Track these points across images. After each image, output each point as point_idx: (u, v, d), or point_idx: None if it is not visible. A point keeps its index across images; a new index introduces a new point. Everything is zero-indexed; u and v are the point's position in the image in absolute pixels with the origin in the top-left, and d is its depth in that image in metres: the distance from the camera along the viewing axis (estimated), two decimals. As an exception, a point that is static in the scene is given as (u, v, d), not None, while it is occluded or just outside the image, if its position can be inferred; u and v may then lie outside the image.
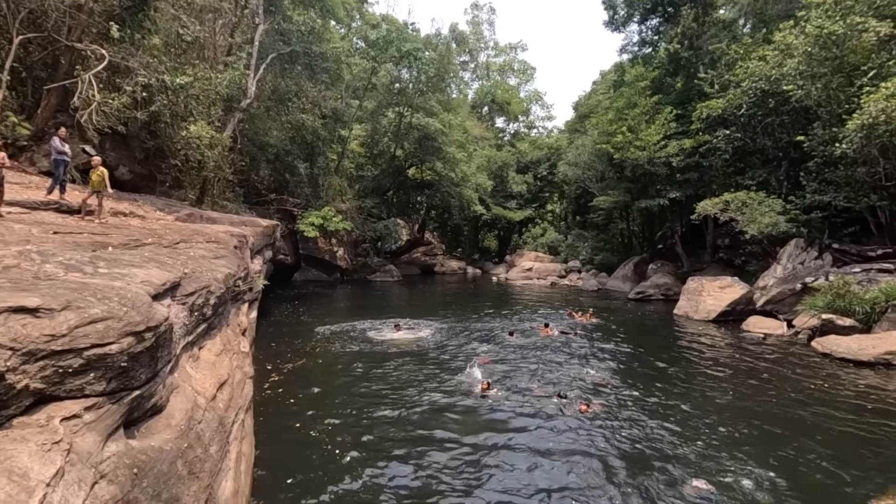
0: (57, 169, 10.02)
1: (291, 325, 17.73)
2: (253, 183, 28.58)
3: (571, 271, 40.82)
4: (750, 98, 21.47)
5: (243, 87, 21.96)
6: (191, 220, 14.02)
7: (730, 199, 21.19)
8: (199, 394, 5.19)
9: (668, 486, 6.53)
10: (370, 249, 39.90)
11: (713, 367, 12.75)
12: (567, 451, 7.59)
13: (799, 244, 19.53)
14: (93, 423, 3.30)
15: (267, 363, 12.23)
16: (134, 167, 17.38)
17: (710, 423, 8.80)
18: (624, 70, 35.40)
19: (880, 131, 15.57)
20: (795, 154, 20.93)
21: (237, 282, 9.24)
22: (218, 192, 22.07)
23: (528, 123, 66.52)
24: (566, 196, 48.28)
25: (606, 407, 9.46)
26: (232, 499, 4.82)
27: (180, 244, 8.76)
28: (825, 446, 7.82)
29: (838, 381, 11.39)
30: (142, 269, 5.58)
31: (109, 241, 7.06)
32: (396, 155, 41.99)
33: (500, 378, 11.33)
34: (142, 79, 14.54)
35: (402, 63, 36.14)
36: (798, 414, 9.31)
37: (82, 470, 2.98)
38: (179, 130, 16.69)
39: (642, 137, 27.34)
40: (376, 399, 9.92)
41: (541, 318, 19.73)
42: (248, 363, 8.13)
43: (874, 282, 15.54)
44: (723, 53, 25.98)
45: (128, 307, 3.96)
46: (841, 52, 17.83)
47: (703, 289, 21.14)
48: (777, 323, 17.47)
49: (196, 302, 6.12)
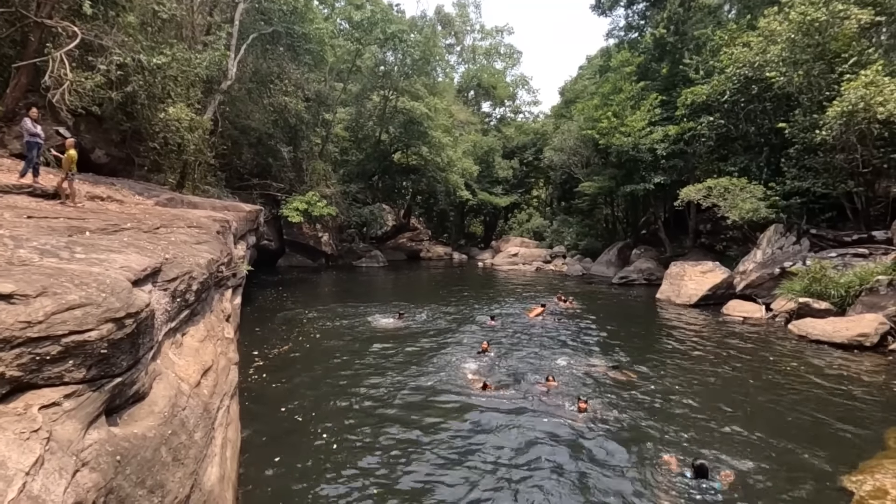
0: (30, 151, 9.67)
1: (276, 311, 17.60)
2: (235, 167, 28.05)
3: (556, 256, 41.11)
4: (734, 84, 21.62)
5: (223, 68, 21.37)
6: (171, 205, 13.71)
7: (712, 186, 21.46)
8: (183, 380, 5.13)
9: (658, 471, 6.70)
10: (355, 235, 39.62)
11: (694, 351, 13.04)
12: (560, 440, 7.68)
13: (778, 229, 19.92)
14: (73, 410, 3.24)
15: (252, 349, 12.14)
16: (110, 150, 16.89)
17: (690, 405, 9.01)
18: (610, 55, 35.35)
19: (859, 118, 15.85)
20: (777, 141, 21.22)
21: (220, 267, 9.11)
22: (199, 177, 21.60)
23: (514, 108, 66.14)
24: (552, 182, 48.34)
25: (598, 399, 9.20)
26: (218, 485, 4.80)
27: (161, 229, 8.57)
28: (800, 425, 8.09)
29: (813, 363, 11.75)
30: (121, 254, 5.45)
31: (86, 226, 6.87)
32: (381, 139, 41.48)
33: (493, 366, 11.24)
34: (116, 58, 14.01)
35: (387, 45, 35.50)
36: (774, 395, 9.59)
37: (63, 458, 2.92)
38: (157, 112, 16.21)
39: (627, 123, 27.43)
40: (362, 384, 9.95)
41: (524, 303, 19.92)
42: (232, 349, 8.05)
43: (849, 266, 15.97)
44: (708, 39, 26.08)
45: (107, 293, 3.87)
46: (823, 39, 18.02)
47: (685, 273, 21.51)
48: (756, 307, 17.89)
49: (178, 288, 6.01)
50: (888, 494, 5.75)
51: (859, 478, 6.22)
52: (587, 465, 6.80)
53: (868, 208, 18.72)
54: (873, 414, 8.58)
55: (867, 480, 6.11)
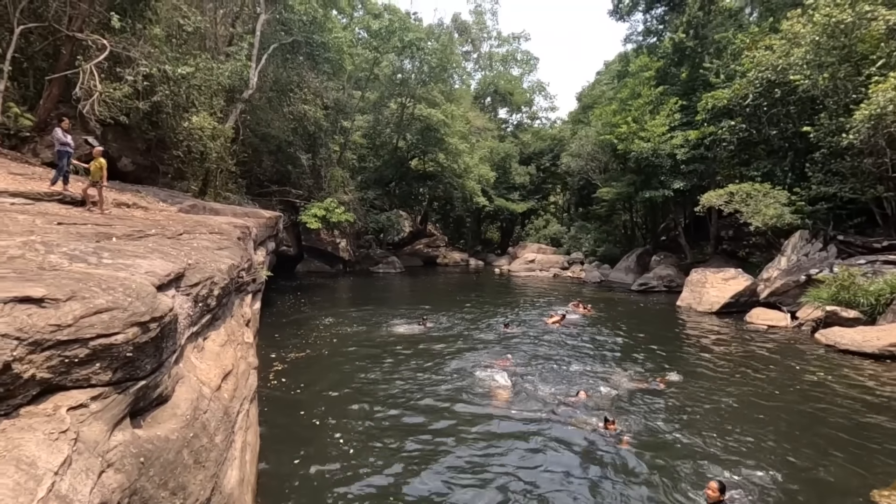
0: (60, 160, 10.01)
1: (294, 316, 17.80)
2: (255, 174, 28.54)
3: (574, 263, 40.73)
4: (756, 88, 21.22)
5: (245, 77, 21.83)
6: (194, 212, 14.01)
7: (734, 191, 21.06)
8: (204, 384, 5.21)
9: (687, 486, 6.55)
10: (372, 241, 39.91)
11: (719, 360, 12.73)
12: (589, 458, 7.42)
13: (804, 236, 19.42)
14: (99, 412, 3.31)
15: (270, 353, 12.29)
16: (136, 158, 17.37)
17: (716, 417, 8.79)
18: (628, 60, 35.10)
19: (888, 121, 15.40)
20: (801, 145, 20.75)
21: (241, 273, 9.25)
22: (220, 184, 22.06)
23: (531, 114, 66.07)
24: (569, 187, 48.06)
25: (626, 414, 8.80)
26: (237, 488, 4.85)
27: (184, 235, 8.76)
28: (829, 438, 7.82)
29: (842, 373, 11.38)
30: (146, 259, 5.59)
31: (113, 232, 7.07)
32: (399, 146, 41.81)
33: (515, 377, 10.80)
34: (143, 69, 14.48)
35: (405, 53, 35.84)
36: (802, 406, 9.31)
37: (89, 459, 2.99)
38: (181, 121, 16.65)
39: (647, 128, 27.13)
40: (380, 390, 9.97)
41: (542, 310, 19.77)
42: (252, 354, 8.16)
43: (879, 273, 15.47)
44: (729, 43, 25.68)
45: (132, 298, 3.96)
46: (849, 41, 17.58)
47: (706, 280, 21.10)
48: (781, 315, 17.43)
49: (200, 293, 6.12)
50: (924, 511, 5.51)
51: (892, 492, 5.98)
52: (616, 484, 6.66)
53: (899, 214, 18.14)
54: (907, 427, 8.25)
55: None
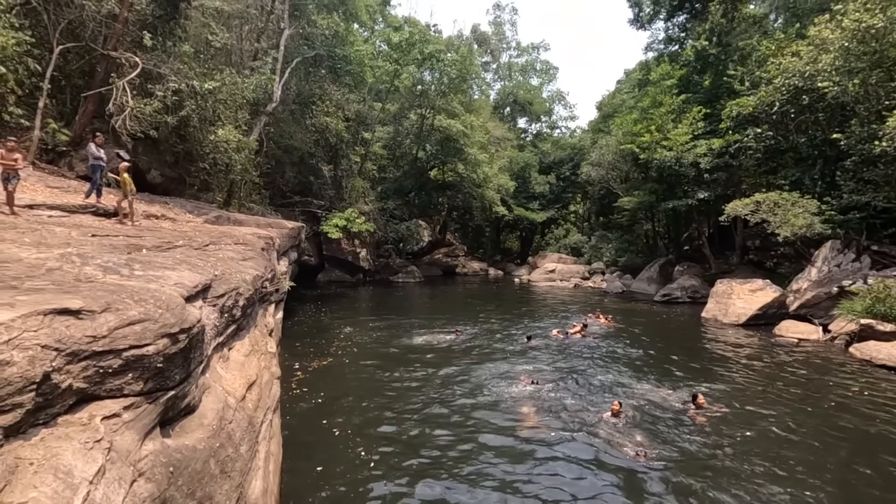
0: (94, 174, 10.38)
1: (316, 326, 17.96)
2: (278, 185, 29.09)
3: (595, 273, 40.23)
4: (783, 95, 20.76)
5: (269, 91, 22.38)
6: (219, 223, 14.34)
7: (761, 200, 20.53)
8: (230, 394, 5.29)
9: None
10: (392, 250, 40.14)
11: (747, 375, 12.35)
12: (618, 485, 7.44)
13: (835, 246, 18.81)
14: (131, 422, 3.39)
15: (293, 363, 12.40)
16: (164, 171, 17.90)
17: (750, 438, 8.45)
18: (649, 68, 34.79)
19: (923, 128, 14.90)
20: (831, 152, 20.19)
21: (264, 283, 9.41)
22: (244, 195, 22.55)
23: (550, 123, 65.96)
24: (589, 197, 47.68)
25: (655, 433, 8.50)
26: (262, 498, 4.89)
27: (210, 246, 8.96)
28: (868, 457, 7.50)
29: (879, 389, 10.92)
30: (174, 271, 5.73)
31: (143, 244, 7.27)
32: (418, 157, 42.16)
33: (544, 397, 10.42)
34: (172, 84, 14.98)
35: (425, 65, 36.27)
36: (838, 423, 8.95)
37: (122, 468, 3.06)
38: (208, 134, 17.12)
39: (670, 137, 26.77)
40: (402, 400, 9.96)
41: (563, 321, 19.54)
42: (275, 363, 8.26)
43: (917, 285, 14.86)
44: (753, 49, 25.27)
45: (163, 309, 4.06)
46: (880, 46, 17.11)
47: (732, 291, 20.58)
48: (812, 328, 16.87)
49: (226, 303, 6.24)
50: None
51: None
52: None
53: (937, 223, 17.46)
54: (951, 448, 7.85)
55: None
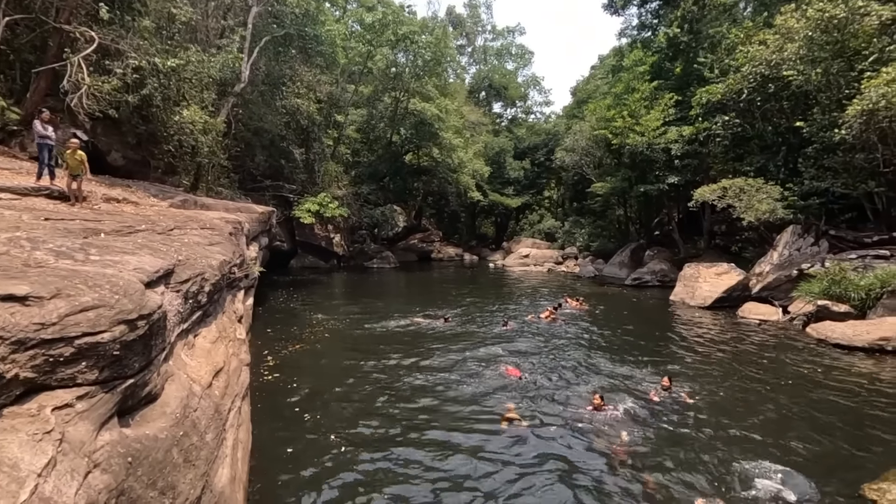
0: (41, 153, 9.81)
1: (288, 312, 17.71)
2: (248, 169, 28.33)
3: (568, 258, 40.87)
4: (750, 83, 21.22)
5: (237, 70, 21.60)
6: (185, 207, 13.87)
7: (728, 186, 21.10)
8: (195, 381, 5.16)
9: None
10: (367, 236, 39.80)
11: (711, 355, 12.81)
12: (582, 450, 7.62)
13: (796, 230, 19.53)
14: (85, 412, 3.26)
15: (264, 349, 12.22)
16: (126, 152, 17.16)
17: (710, 412, 8.80)
18: (623, 54, 35.09)
19: (880, 117, 15.46)
20: (794, 140, 20.81)
21: (232, 269, 9.18)
22: (212, 179, 21.87)
23: (525, 109, 66.05)
24: (563, 182, 48.05)
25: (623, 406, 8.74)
26: (229, 486, 4.82)
27: (174, 231, 8.66)
28: (821, 431, 7.88)
29: (833, 367, 11.47)
30: (134, 256, 5.51)
31: (102, 228, 6.96)
32: (393, 140, 41.63)
33: (524, 381, 10.50)
34: (132, 61, 14.26)
35: (399, 47, 35.63)
36: (795, 400, 9.37)
37: (75, 460, 2.94)
38: (172, 115, 16.44)
39: (642, 123, 27.13)
40: (374, 386, 9.95)
41: (537, 305, 19.83)
42: (244, 350, 8.10)
43: (870, 268, 15.59)
44: (723, 37, 25.65)
45: (120, 295, 3.90)
46: (842, 36, 17.63)
47: (699, 275, 21.21)
48: (773, 309, 17.56)
49: (190, 289, 6.06)
50: (912, 504, 5.56)
51: (882, 486, 6.03)
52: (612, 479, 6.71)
53: (889, 209, 18.25)
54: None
55: (890, 490, 5.91)
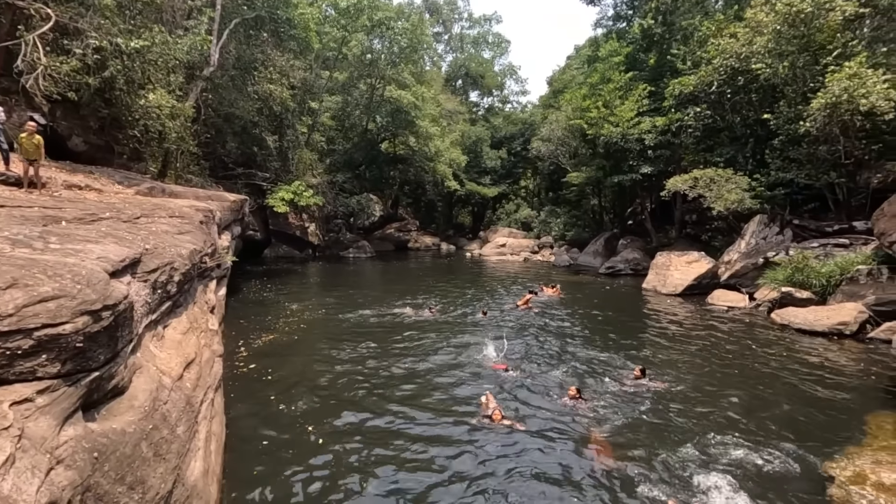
0: None
1: (262, 302, 17.40)
2: (219, 156, 27.51)
3: (544, 247, 41.31)
4: (720, 75, 21.65)
5: (205, 54, 20.82)
6: (152, 194, 13.39)
7: (699, 176, 21.58)
8: (165, 374, 5.01)
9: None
10: (342, 225, 39.31)
11: (681, 341, 13.18)
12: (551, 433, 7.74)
13: (762, 220, 20.16)
14: (46, 406, 3.11)
15: (238, 340, 12.00)
16: (88, 137, 16.40)
17: (678, 396, 9.09)
18: (598, 45, 35.22)
19: (842, 110, 16.00)
20: (762, 132, 21.37)
21: (203, 258, 8.92)
22: (181, 166, 21.16)
23: (502, 98, 65.94)
24: (539, 172, 48.32)
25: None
26: (202, 479, 4.71)
27: (141, 219, 8.34)
28: (784, 414, 8.22)
29: (794, 351, 11.96)
30: (98, 244, 5.28)
31: (62, 216, 6.64)
32: (369, 128, 41.03)
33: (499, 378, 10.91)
34: (93, 41, 13.54)
35: (374, 33, 35.00)
36: (760, 383, 9.73)
37: (36, 456, 2.81)
38: (137, 99, 15.74)
39: (616, 113, 27.42)
40: (350, 376, 9.88)
41: (514, 294, 20.00)
42: (217, 341, 7.91)
43: (830, 256, 16.25)
44: (695, 30, 26.03)
45: (82, 285, 3.72)
46: (808, 30, 18.12)
47: (670, 263, 21.73)
48: (740, 296, 18.15)
49: (159, 279, 5.86)
50: (867, 479, 5.85)
51: (840, 463, 6.33)
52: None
53: (849, 199, 19.00)
54: (854, 400, 8.75)
55: (848, 466, 6.22)
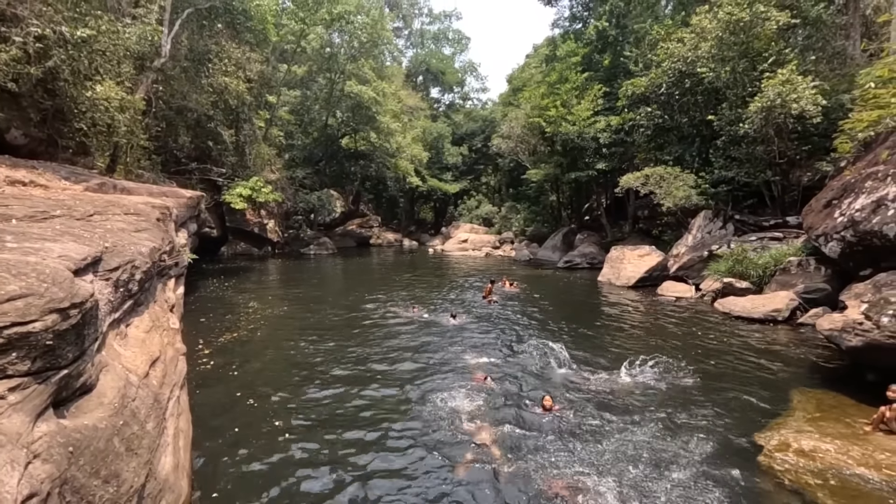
0: None
1: (221, 301, 17.06)
2: (171, 150, 26.47)
3: (505, 242, 42.16)
4: (669, 78, 22.82)
5: (156, 44, 20.04)
6: (103, 191, 12.89)
7: (650, 174, 22.72)
8: (131, 371, 5.01)
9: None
10: (303, 221, 38.69)
11: (631, 328, 13.99)
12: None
13: (707, 215, 21.46)
14: (19, 403, 3.15)
15: (198, 338, 11.81)
16: (29, 130, 15.52)
17: (622, 378, 9.71)
18: (556, 45, 36.13)
19: (776, 113, 17.29)
20: (707, 132, 22.68)
21: (163, 256, 8.76)
22: (132, 160, 20.28)
23: (463, 95, 66.46)
24: (500, 169, 49.19)
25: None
26: (172, 473, 4.78)
27: (95, 216, 8.10)
28: (721, 392, 8.96)
29: (733, 336, 12.94)
30: (56, 243, 5.18)
31: (12, 214, 6.41)
32: (328, 123, 40.49)
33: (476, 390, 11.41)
34: (34, 29, 12.87)
35: (334, 27, 34.57)
36: (702, 366, 10.51)
37: (13, 451, 2.86)
38: (84, 91, 15.04)
39: (574, 112, 28.34)
40: (313, 372, 9.96)
41: (477, 289, 20.45)
42: (178, 339, 7.82)
43: (766, 249, 17.53)
44: (646, 33, 27.22)
45: (48, 283, 3.72)
46: (747, 38, 19.40)
47: (624, 257, 22.77)
48: (687, 287, 19.29)
49: (121, 277, 5.79)
50: (790, 447, 6.58)
51: (768, 434, 7.05)
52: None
53: (783, 196, 20.52)
54: (783, 379, 9.64)
55: (774, 436, 6.94)
